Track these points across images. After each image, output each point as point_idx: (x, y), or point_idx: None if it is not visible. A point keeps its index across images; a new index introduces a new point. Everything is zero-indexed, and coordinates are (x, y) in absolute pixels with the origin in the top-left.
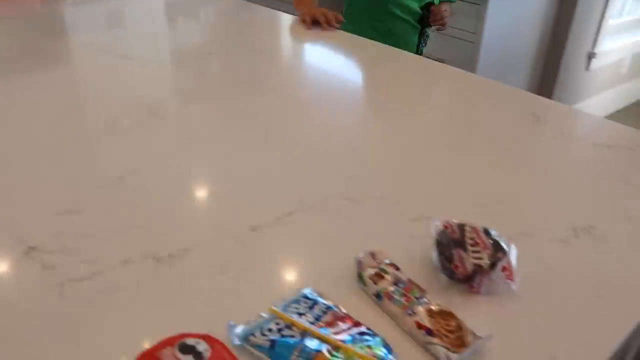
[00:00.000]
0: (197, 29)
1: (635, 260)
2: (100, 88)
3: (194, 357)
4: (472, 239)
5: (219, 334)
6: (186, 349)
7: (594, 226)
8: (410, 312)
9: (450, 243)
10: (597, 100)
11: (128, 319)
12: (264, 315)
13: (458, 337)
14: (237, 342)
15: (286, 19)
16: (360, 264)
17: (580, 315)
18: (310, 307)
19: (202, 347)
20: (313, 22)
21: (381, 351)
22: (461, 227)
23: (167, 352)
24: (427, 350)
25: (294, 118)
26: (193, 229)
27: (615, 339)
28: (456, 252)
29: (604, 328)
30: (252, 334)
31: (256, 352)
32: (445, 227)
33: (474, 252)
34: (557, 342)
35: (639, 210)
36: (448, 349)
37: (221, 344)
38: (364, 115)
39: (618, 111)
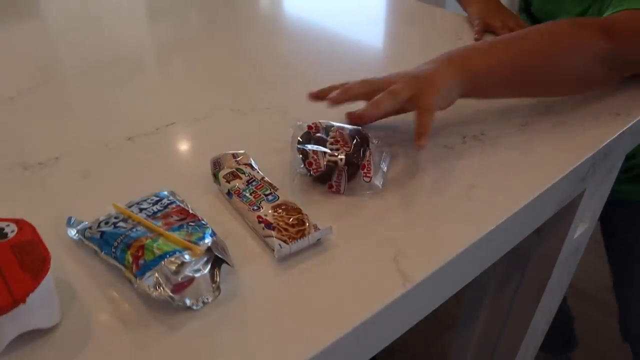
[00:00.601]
0: None
1: (511, 160)
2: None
3: None
4: (334, 137)
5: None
6: None
7: (485, 134)
8: (255, 207)
9: (311, 141)
10: None
11: None
12: (111, 212)
13: (298, 231)
14: (71, 234)
15: None
16: (216, 164)
17: (438, 215)
18: (154, 204)
19: (9, 229)
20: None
21: (206, 238)
22: (328, 127)
23: None
24: (265, 243)
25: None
26: (68, 138)
27: (468, 240)
28: (312, 150)
29: (460, 228)
30: (90, 228)
31: (89, 244)
32: (310, 127)
33: (332, 150)
34: (406, 242)
35: (535, 119)
36: (284, 241)
37: (33, 228)
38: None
39: None
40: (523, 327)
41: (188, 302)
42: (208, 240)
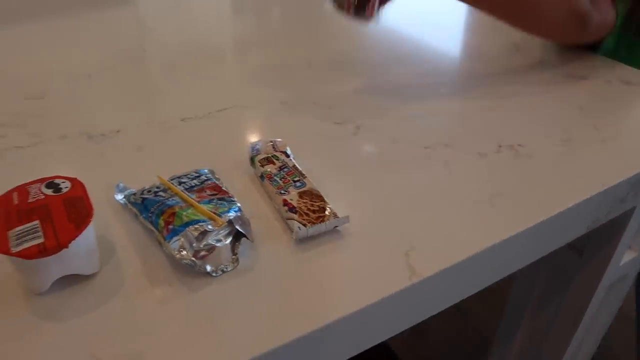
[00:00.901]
0: None
1: (544, 173)
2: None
3: (53, 191)
4: None
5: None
6: (51, 185)
7: (522, 145)
8: (283, 191)
9: None
10: None
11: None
12: (155, 183)
13: (318, 217)
14: (118, 198)
15: None
16: (255, 149)
17: (457, 217)
18: (193, 179)
19: (64, 185)
20: None
21: (230, 212)
22: None
23: (37, 185)
24: (287, 225)
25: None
26: (130, 115)
27: (482, 245)
28: None
29: (477, 233)
30: (134, 194)
31: (131, 208)
32: None
33: None
34: (420, 238)
35: (579, 134)
36: (304, 224)
37: (83, 187)
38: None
39: None
40: (559, 351)
41: (208, 268)
42: (232, 214)
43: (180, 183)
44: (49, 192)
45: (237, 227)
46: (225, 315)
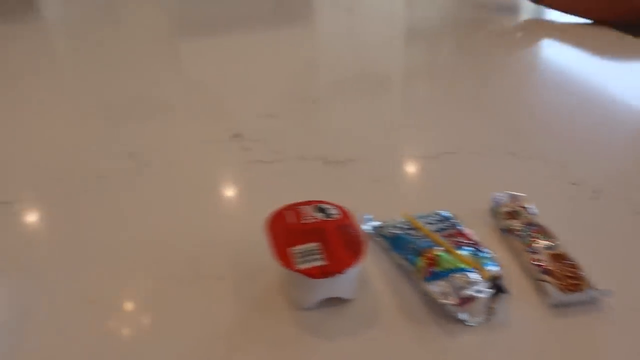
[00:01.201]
0: (434, 9)
1: None
2: (334, 50)
3: (324, 215)
4: None
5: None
6: (321, 210)
7: None
8: (531, 250)
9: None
10: None
11: (293, 196)
12: (399, 219)
13: (575, 284)
14: (367, 228)
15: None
16: (496, 201)
17: None
18: (439, 222)
19: (333, 211)
20: None
21: (489, 265)
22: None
23: (307, 207)
24: (538, 287)
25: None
26: (363, 145)
27: None
28: None
29: None
30: (382, 227)
31: (380, 240)
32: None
33: None
34: None
35: None
36: (561, 289)
37: (351, 215)
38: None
39: None
40: None
41: (465, 316)
42: (494, 269)
43: (428, 224)
44: (321, 215)
45: (500, 283)
46: None
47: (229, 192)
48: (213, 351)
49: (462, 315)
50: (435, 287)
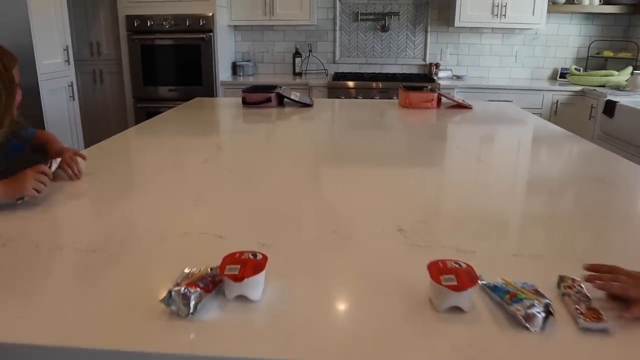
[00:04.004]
0: (558, 164)
1: None
2: (459, 192)
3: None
4: None
5: None
6: (453, 263)
7: None
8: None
9: None
10: None
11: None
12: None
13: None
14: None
15: None
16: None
17: None
18: (521, 285)
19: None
20: None
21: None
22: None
23: (449, 261)
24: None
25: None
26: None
27: None
28: None
29: None
30: (486, 284)
31: (486, 288)
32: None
33: None
34: None
35: None
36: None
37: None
38: None
39: None
40: None
41: (532, 329)
42: (547, 300)
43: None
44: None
45: (551, 309)
46: None
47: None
48: None
49: (530, 327)
50: (513, 306)
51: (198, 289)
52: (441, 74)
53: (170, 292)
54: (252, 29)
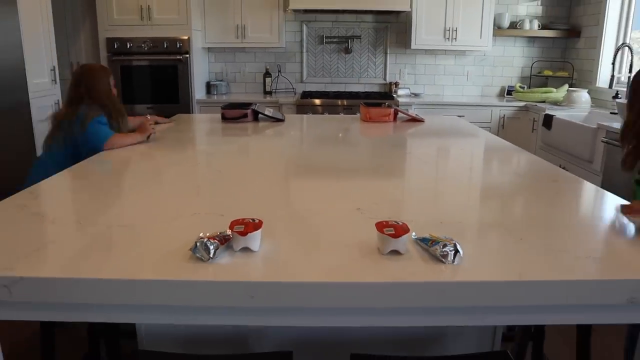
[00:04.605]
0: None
1: None
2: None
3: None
4: None
5: None
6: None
7: None
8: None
9: None
10: None
11: None
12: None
13: None
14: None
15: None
16: None
17: None
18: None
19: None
20: None
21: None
22: None
23: (390, 221)
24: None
25: None
26: None
27: None
28: None
29: None
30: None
31: (421, 244)
32: None
33: None
34: None
35: None
36: None
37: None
38: None
39: None
40: None
41: (445, 261)
42: (454, 241)
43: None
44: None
45: (458, 247)
46: None
47: None
48: None
49: (441, 259)
50: (433, 248)
51: (215, 240)
52: (400, 92)
53: (195, 243)
54: (225, 51)
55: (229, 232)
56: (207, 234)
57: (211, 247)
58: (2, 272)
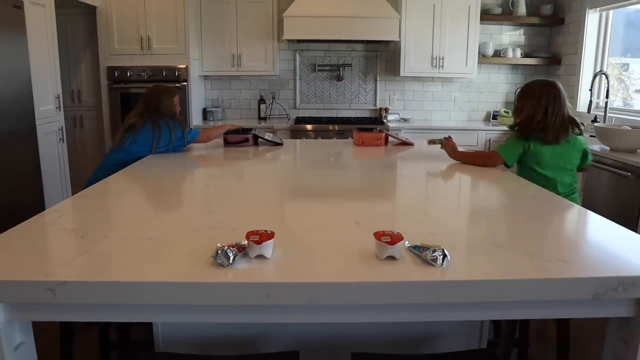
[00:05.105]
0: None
1: None
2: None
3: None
4: None
5: None
6: None
7: None
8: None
9: None
10: None
11: None
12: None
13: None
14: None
15: None
16: None
17: None
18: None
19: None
20: None
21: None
22: None
23: (386, 230)
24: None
25: None
26: None
27: None
28: None
29: None
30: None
31: (414, 251)
32: None
33: None
34: None
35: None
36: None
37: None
38: None
39: None
40: None
41: (435, 265)
42: (442, 247)
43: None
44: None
45: (446, 252)
46: None
47: None
48: None
49: (431, 262)
50: (424, 254)
51: (234, 248)
52: (390, 117)
53: (217, 250)
54: (221, 79)
55: (244, 242)
56: (226, 244)
57: (231, 255)
58: (47, 277)
